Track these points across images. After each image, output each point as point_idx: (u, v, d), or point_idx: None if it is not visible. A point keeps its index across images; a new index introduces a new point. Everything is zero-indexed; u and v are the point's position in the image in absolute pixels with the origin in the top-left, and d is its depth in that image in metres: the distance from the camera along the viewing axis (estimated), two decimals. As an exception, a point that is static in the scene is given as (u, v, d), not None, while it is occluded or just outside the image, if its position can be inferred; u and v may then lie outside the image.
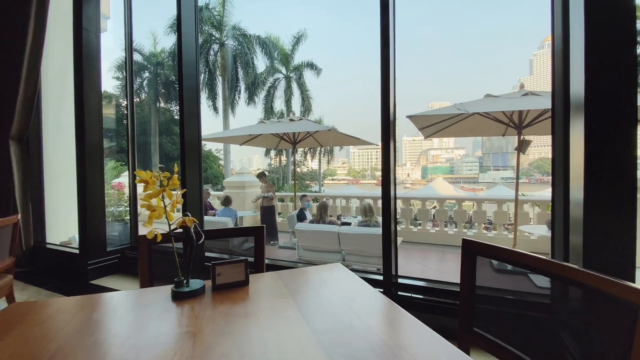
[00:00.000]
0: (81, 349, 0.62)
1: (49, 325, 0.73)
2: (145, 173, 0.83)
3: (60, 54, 3.69)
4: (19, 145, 3.41)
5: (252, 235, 1.34)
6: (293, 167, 11.29)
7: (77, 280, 3.09)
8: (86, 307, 0.82)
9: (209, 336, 0.66)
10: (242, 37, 18.79)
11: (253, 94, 20.25)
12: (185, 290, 0.87)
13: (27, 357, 0.59)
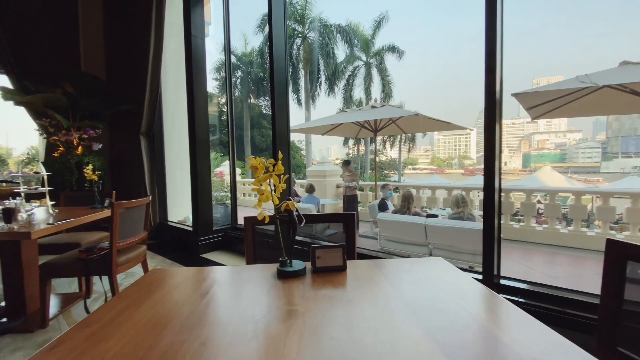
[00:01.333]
0: (209, 314, 0.70)
1: (181, 289, 0.86)
2: (255, 159, 0.89)
3: (173, 59, 4.29)
4: (147, 140, 4.14)
5: (343, 222, 1.35)
6: (373, 156, 11.10)
7: (191, 253, 3.64)
8: (209, 276, 0.94)
9: (316, 317, 0.67)
10: (323, 28, 19.07)
11: (333, 84, 20.49)
12: (289, 269, 0.91)
13: (168, 316, 0.69)
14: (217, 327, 0.64)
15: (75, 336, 0.61)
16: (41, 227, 1.85)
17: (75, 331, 0.62)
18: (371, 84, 21.83)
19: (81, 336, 0.60)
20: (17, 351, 1.79)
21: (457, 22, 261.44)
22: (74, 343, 0.58)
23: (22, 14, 3.87)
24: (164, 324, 0.65)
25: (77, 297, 2.46)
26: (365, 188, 7.89)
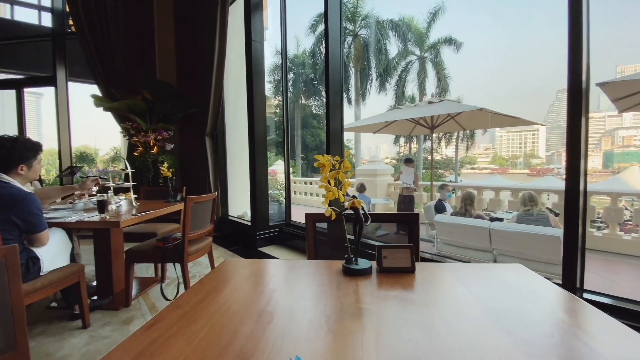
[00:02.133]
0: (283, 305, 0.72)
1: (255, 280, 0.90)
2: (322, 157, 0.90)
3: (234, 64, 4.55)
4: (211, 140, 4.46)
5: (407, 222, 1.30)
6: (430, 154, 10.60)
7: (249, 246, 3.85)
8: (278, 269, 0.97)
9: (390, 318, 0.65)
10: (375, 24, 18.73)
11: (384, 81, 20.02)
12: (356, 267, 0.90)
13: (246, 304, 0.73)
14: (292, 318, 0.66)
15: (168, 316, 0.67)
16: (127, 217, 2.10)
17: (168, 312, 0.69)
18: (425, 79, 20.87)
19: (173, 316, 0.67)
20: (105, 326, 2.06)
21: (525, 6, 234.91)
22: (169, 322, 0.64)
23: (109, 32, 4.44)
24: (244, 311, 0.69)
25: (153, 282, 2.75)
26: (418, 188, 7.57)
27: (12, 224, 1.58)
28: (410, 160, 6.04)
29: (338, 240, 1.93)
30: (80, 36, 4.44)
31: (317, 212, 1.38)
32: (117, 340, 1.87)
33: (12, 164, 1.69)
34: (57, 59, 5.02)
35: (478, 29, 59.61)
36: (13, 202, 1.57)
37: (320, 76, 20.61)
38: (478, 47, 60.32)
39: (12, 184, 1.67)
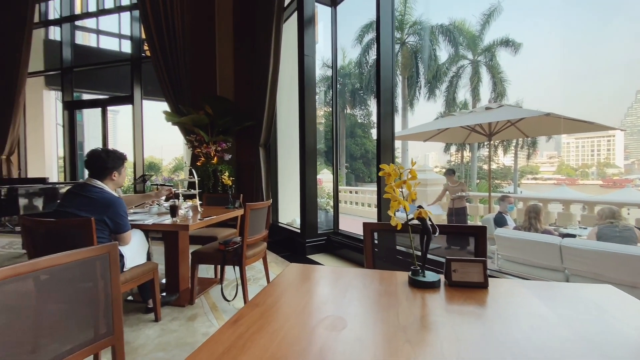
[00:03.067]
0: (354, 312, 0.73)
1: (322, 285, 0.93)
2: (388, 166, 0.90)
3: (286, 76, 4.76)
4: (264, 151, 4.69)
5: (472, 235, 1.24)
6: (481, 163, 9.94)
7: (298, 253, 3.93)
8: (342, 276, 0.99)
9: (468, 333, 0.63)
10: (423, 30, 18.32)
11: (434, 87, 19.35)
12: (423, 280, 0.89)
13: (319, 308, 0.75)
14: (366, 325, 0.67)
15: (248, 314, 0.72)
16: (194, 222, 2.30)
17: (247, 310, 0.74)
18: (479, 84, 19.73)
19: (254, 315, 0.72)
20: (174, 320, 2.24)
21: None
22: (251, 320, 0.69)
23: (177, 55, 4.94)
24: (318, 314, 0.72)
25: (212, 282, 2.94)
26: (473, 199, 7.12)
27: (104, 224, 1.83)
28: (452, 171, 5.72)
29: (389, 251, 1.90)
30: (154, 59, 5.02)
31: (374, 222, 1.38)
32: (185, 334, 2.03)
33: (107, 171, 1.97)
34: (134, 80, 5.72)
35: (541, 28, 52.99)
36: (107, 205, 1.83)
37: (366, 86, 20.62)
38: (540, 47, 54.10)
39: (104, 189, 1.94)
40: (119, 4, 6.04)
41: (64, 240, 1.73)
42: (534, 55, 40.22)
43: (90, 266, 0.97)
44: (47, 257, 0.86)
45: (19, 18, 5.70)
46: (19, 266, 0.79)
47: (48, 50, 6.85)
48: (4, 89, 5.82)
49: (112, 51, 7.99)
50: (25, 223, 1.73)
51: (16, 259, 3.96)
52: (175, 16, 4.87)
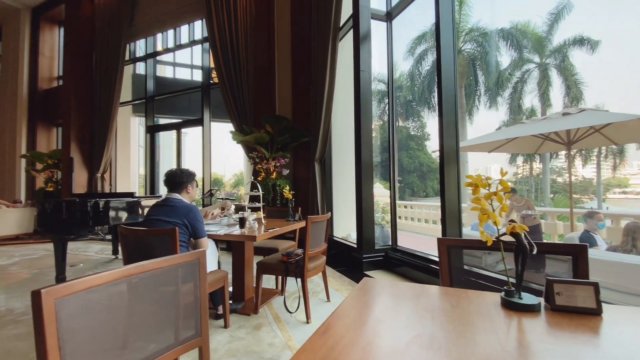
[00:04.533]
0: (449, 330, 0.69)
1: (402, 301, 0.90)
2: (475, 177, 0.85)
3: (341, 92, 4.84)
4: (320, 165, 4.79)
5: (569, 254, 1.09)
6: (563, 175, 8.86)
7: (356, 269, 3.86)
8: (421, 293, 0.94)
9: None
10: (481, 37, 17.40)
11: (495, 95, 18.06)
12: (520, 302, 0.80)
13: (408, 325, 0.72)
14: (464, 346, 0.62)
15: (336, 325, 0.72)
16: (260, 233, 2.41)
17: (334, 321, 0.75)
18: (548, 88, 17.91)
19: (341, 326, 0.72)
20: (241, 328, 2.34)
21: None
22: (339, 332, 0.69)
23: (241, 80, 5.37)
24: (408, 331, 0.69)
25: (274, 293, 3.02)
26: (550, 216, 6.35)
27: (185, 228, 2.07)
28: (513, 190, 5.17)
29: (456, 271, 1.77)
30: (221, 85, 5.52)
31: (451, 238, 1.30)
32: (252, 343, 2.10)
33: (182, 185, 2.28)
34: (204, 104, 6.33)
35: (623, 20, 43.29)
36: (187, 210, 2.11)
37: (419, 97, 20.07)
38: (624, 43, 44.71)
39: (182, 199, 2.22)
40: (193, 38, 6.82)
41: (152, 245, 1.94)
42: (617, 52, 35.21)
43: (183, 270, 1.06)
44: (150, 261, 0.96)
45: (115, 58, 6.77)
46: (131, 267, 0.90)
47: (135, 82, 7.97)
48: (103, 117, 6.89)
49: (185, 80, 9.00)
50: (122, 231, 1.98)
51: (107, 263, 4.55)
52: (240, 44, 5.33)
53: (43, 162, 7.40)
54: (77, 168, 6.97)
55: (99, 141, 6.94)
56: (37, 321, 0.65)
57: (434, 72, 18.22)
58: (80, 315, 0.75)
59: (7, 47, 9.06)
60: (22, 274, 3.94)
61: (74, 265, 4.31)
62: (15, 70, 8.72)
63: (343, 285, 3.27)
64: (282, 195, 4.74)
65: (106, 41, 6.90)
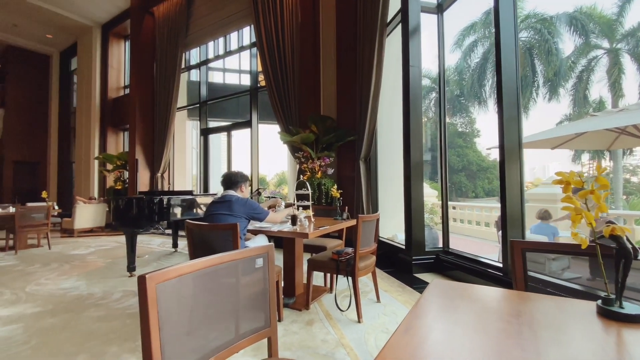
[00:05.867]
0: (541, 337, 0.64)
1: (483, 304, 0.85)
2: (566, 174, 0.79)
3: (387, 88, 4.74)
4: (365, 164, 4.74)
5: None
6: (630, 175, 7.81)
7: (404, 270, 3.77)
8: (498, 298, 0.89)
9: None
10: (539, 23, 15.94)
11: (556, 86, 16.43)
12: (621, 311, 0.72)
13: (491, 328, 0.68)
14: (561, 355, 0.57)
15: (416, 324, 0.71)
16: (311, 230, 2.45)
17: (413, 320, 0.73)
18: (620, 77, 15.86)
19: (422, 326, 0.70)
20: (294, 323, 2.40)
21: None
22: (421, 331, 0.68)
23: (287, 82, 5.51)
24: (499, 337, 0.65)
25: (323, 291, 3.06)
26: (627, 219, 5.62)
27: (244, 220, 2.30)
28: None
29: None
30: (268, 88, 5.71)
31: (525, 240, 1.21)
32: (305, 338, 2.15)
33: (237, 184, 2.52)
34: (252, 107, 6.61)
35: None
36: (243, 202, 2.35)
37: (467, 92, 18.97)
38: None
39: (237, 195, 2.45)
40: (241, 44, 7.16)
41: (215, 239, 2.08)
42: None
43: (253, 263, 1.12)
44: (227, 253, 1.03)
45: (173, 67, 7.34)
46: (212, 258, 0.96)
47: (190, 89, 8.58)
48: (162, 122, 7.51)
49: (234, 85, 9.47)
50: (188, 225, 2.14)
51: (169, 255, 4.95)
52: (286, 47, 5.48)
53: (113, 163, 8.27)
54: (141, 168, 7.69)
55: (159, 144, 7.58)
56: (142, 304, 0.72)
57: (484, 64, 17.12)
58: (173, 300, 0.82)
59: (82, 61, 10.28)
60: (98, 263, 4.45)
61: (140, 256, 4.75)
62: (89, 81, 9.86)
63: (392, 287, 3.21)
64: (327, 194, 4.78)
65: (165, 52, 7.51)
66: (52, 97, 11.98)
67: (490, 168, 22.09)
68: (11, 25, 10.00)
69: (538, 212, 4.49)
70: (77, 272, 3.95)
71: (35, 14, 9.26)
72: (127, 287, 3.26)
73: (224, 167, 7.67)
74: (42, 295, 3.11)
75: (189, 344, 0.88)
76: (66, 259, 4.66)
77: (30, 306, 2.81)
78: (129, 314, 2.61)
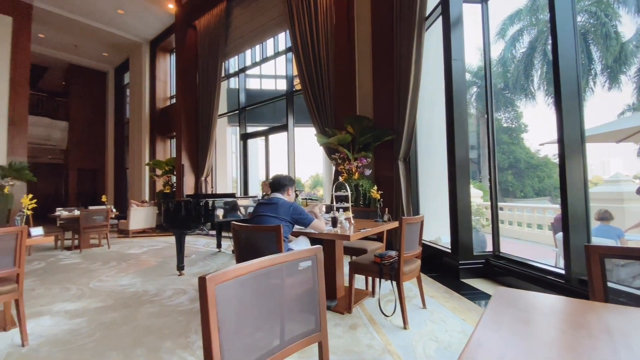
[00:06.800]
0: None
1: (558, 314, 0.76)
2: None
3: (427, 85, 4.55)
4: (404, 164, 4.59)
5: None
6: None
7: (450, 275, 3.57)
8: (584, 311, 0.79)
9: None
10: (594, 5, 14.47)
11: (616, 72, 14.78)
12: None
13: (563, 338, 0.60)
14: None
15: (489, 339, 0.64)
16: (352, 232, 2.41)
17: (483, 333, 0.67)
18: (700, 58, 13.88)
19: (496, 339, 0.63)
20: (337, 326, 2.36)
21: None
22: (497, 345, 0.61)
23: (322, 84, 5.52)
24: (589, 355, 0.57)
25: (364, 294, 2.99)
26: None
27: (288, 224, 2.30)
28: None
29: (582, 284, 1.48)
30: (303, 91, 5.77)
31: (603, 245, 1.08)
32: (350, 342, 2.10)
33: (285, 188, 2.53)
34: (288, 111, 6.72)
35: None
36: (289, 205, 2.35)
37: (513, 84, 17.73)
38: None
39: (284, 198, 2.47)
40: (277, 50, 7.32)
41: (259, 240, 2.11)
42: None
43: (302, 265, 1.11)
44: (278, 254, 1.02)
45: (214, 76, 7.70)
46: (265, 260, 0.96)
47: (229, 96, 8.94)
48: (205, 128, 7.91)
49: (270, 90, 9.71)
50: (234, 227, 2.20)
51: (213, 255, 5.17)
52: (321, 49, 5.50)
53: (162, 168, 8.86)
54: (187, 173, 8.15)
55: (202, 149, 7.98)
56: (203, 304, 0.74)
57: (531, 53, 15.93)
58: (230, 301, 0.83)
59: (133, 75, 11.18)
60: (151, 261, 4.76)
61: (187, 256, 5.01)
62: (140, 94, 10.69)
63: (438, 293, 3.06)
64: (364, 195, 4.69)
65: (206, 62, 7.91)
66: (108, 110, 13.17)
67: (540, 165, 20.42)
68: (73, 46, 11.17)
69: (597, 213, 4.04)
70: (133, 270, 4.26)
71: (94, 35, 10.25)
72: (177, 285, 3.45)
73: (262, 170, 7.88)
74: (103, 291, 3.39)
75: (244, 344, 0.89)
76: (123, 258, 5.05)
77: (94, 301, 3.07)
78: (180, 311, 2.75)
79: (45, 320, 2.61)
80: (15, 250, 2.12)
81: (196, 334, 2.29)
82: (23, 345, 2.16)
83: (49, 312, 2.78)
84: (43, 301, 3.07)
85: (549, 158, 20.39)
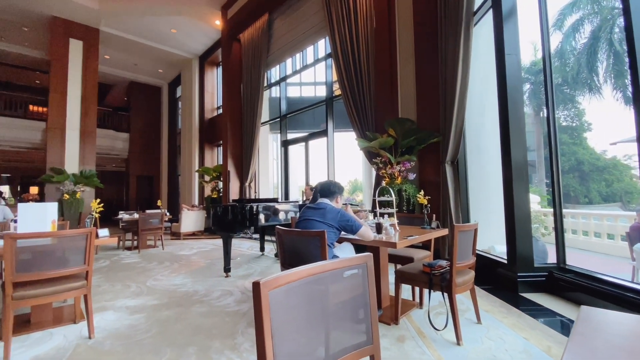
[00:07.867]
0: None
1: None
2: None
3: (477, 84, 4.27)
4: (452, 168, 4.33)
5: None
6: None
7: (507, 288, 3.27)
8: None
9: None
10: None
11: None
12: None
13: None
14: None
15: None
16: (397, 240, 2.30)
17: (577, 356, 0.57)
18: None
19: None
20: (383, 337, 2.26)
21: None
22: None
23: (362, 88, 5.45)
24: None
25: (411, 305, 2.84)
26: None
27: (336, 230, 2.26)
28: None
29: None
30: (343, 96, 5.75)
31: None
32: (397, 355, 1.99)
33: (335, 195, 2.49)
34: (327, 117, 6.74)
35: None
36: (336, 212, 2.31)
37: (573, 79, 16.10)
38: None
39: (332, 204, 2.42)
40: (317, 57, 7.42)
41: (303, 245, 2.10)
42: None
43: (352, 272, 1.06)
44: (328, 261, 0.99)
45: (257, 86, 8.01)
46: (314, 267, 0.93)
47: (271, 104, 9.25)
48: (249, 136, 8.24)
49: (309, 97, 9.86)
50: (279, 231, 2.22)
51: (257, 258, 5.30)
52: (361, 53, 5.45)
53: (210, 174, 9.38)
54: (232, 179, 8.54)
55: (246, 156, 8.32)
56: (257, 310, 0.72)
57: (594, 44, 14.38)
58: (282, 307, 0.81)
59: (185, 88, 12.04)
60: (200, 263, 5.01)
61: (232, 258, 5.20)
62: (190, 105, 11.48)
63: (494, 307, 2.81)
64: (408, 201, 4.51)
65: (250, 73, 8.26)
66: (163, 122, 14.33)
67: (608, 167, 18.17)
68: (133, 65, 12.36)
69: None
70: (184, 270, 4.51)
71: (151, 54, 11.27)
72: (224, 287, 3.58)
73: (302, 176, 7.97)
74: (159, 289, 3.62)
75: (295, 353, 0.86)
76: (175, 259, 5.39)
77: (151, 299, 3.28)
78: (227, 312, 2.84)
79: (109, 314, 2.85)
80: (85, 249, 2.33)
81: (242, 336, 2.33)
82: (90, 338, 2.36)
83: (112, 308, 3.03)
84: (107, 297, 3.36)
85: (618, 159, 18.09)
